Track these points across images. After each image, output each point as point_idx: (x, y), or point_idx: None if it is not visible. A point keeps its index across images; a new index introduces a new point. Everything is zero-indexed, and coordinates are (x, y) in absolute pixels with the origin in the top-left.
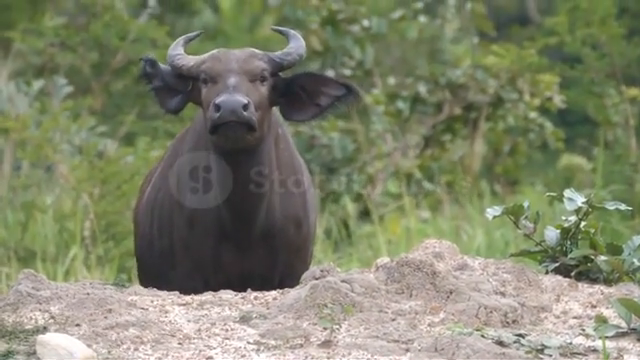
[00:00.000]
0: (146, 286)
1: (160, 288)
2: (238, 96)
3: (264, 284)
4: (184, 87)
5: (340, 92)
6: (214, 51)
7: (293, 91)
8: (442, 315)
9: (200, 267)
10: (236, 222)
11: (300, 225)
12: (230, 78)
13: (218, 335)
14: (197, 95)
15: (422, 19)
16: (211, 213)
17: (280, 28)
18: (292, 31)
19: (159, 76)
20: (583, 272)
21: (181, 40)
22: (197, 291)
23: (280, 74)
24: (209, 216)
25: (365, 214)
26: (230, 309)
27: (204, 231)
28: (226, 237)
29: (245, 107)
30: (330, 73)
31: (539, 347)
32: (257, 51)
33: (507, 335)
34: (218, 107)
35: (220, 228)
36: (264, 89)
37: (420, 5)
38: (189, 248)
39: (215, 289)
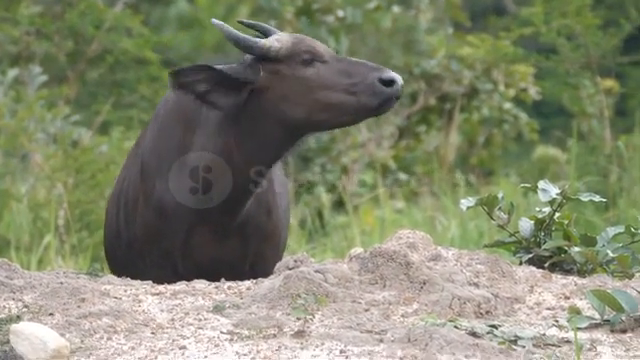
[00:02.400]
0: (116, 276)
1: (130, 278)
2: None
3: (233, 271)
4: (255, 74)
5: None
6: (284, 34)
7: None
8: (415, 306)
9: (169, 255)
10: (221, 214)
11: (270, 212)
12: (343, 57)
13: (191, 325)
14: (278, 79)
15: (396, 9)
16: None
17: (253, 23)
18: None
19: (202, 80)
20: (557, 263)
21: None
22: (166, 279)
23: None
24: (184, 206)
25: (339, 204)
26: (203, 299)
27: (177, 220)
28: (204, 222)
29: None
30: None
31: (512, 338)
32: None
33: (480, 326)
34: (391, 81)
35: (200, 214)
36: None
37: None
38: (158, 237)
39: (184, 276)
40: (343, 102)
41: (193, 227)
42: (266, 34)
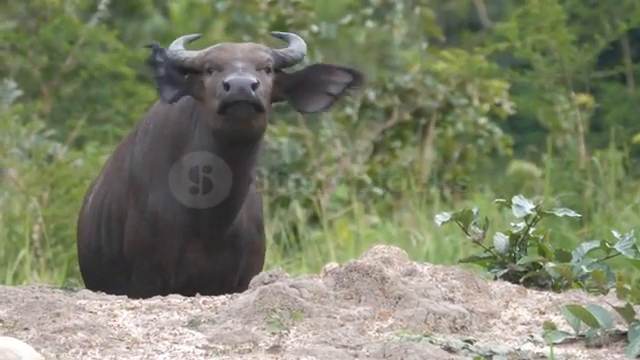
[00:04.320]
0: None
1: (109, 294)
2: (247, 75)
3: (224, 285)
4: (182, 80)
5: (348, 79)
6: (218, 44)
7: (299, 85)
8: (391, 321)
9: (161, 269)
10: (215, 221)
11: (260, 227)
12: (237, 63)
13: (166, 339)
14: (198, 88)
15: (370, 24)
16: (182, 214)
17: (281, 33)
18: (292, 34)
19: (164, 64)
20: (532, 278)
21: (181, 39)
22: (155, 293)
23: (284, 71)
24: (179, 217)
25: (314, 219)
26: (179, 313)
27: (171, 233)
28: (196, 235)
29: (254, 86)
30: None
31: (487, 353)
32: (261, 45)
33: (455, 341)
34: (227, 85)
35: (192, 228)
36: (269, 79)
37: (369, 11)
38: (151, 251)
39: (175, 289)
40: (212, 108)
41: (186, 242)
42: (289, 42)
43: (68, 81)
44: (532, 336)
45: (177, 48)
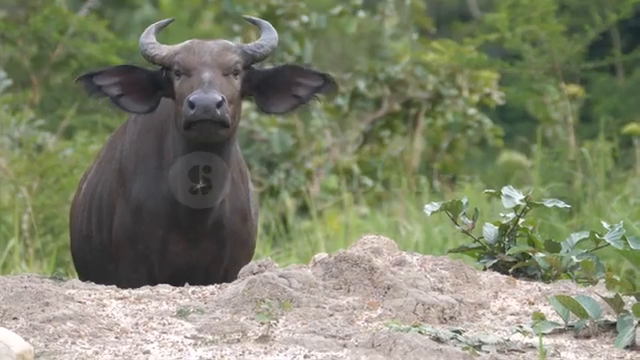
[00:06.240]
0: (84, 281)
1: (98, 282)
2: (213, 94)
3: (209, 276)
4: (164, 81)
5: (318, 83)
6: (187, 42)
7: (268, 83)
8: (380, 311)
9: (145, 258)
10: (193, 213)
11: (246, 218)
12: (204, 72)
13: (155, 329)
14: (169, 85)
15: (361, 14)
16: (163, 204)
17: (253, 18)
18: (265, 22)
19: (114, 84)
20: (521, 269)
21: (153, 27)
22: (141, 283)
23: (253, 66)
24: (161, 207)
25: (304, 209)
26: (167, 303)
27: (153, 222)
28: (178, 227)
29: (219, 104)
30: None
31: (476, 343)
32: (230, 43)
33: (444, 331)
34: (192, 104)
35: (172, 219)
36: (237, 82)
37: (359, 1)
38: (135, 240)
39: (160, 280)
40: (179, 116)
41: (168, 232)
42: (261, 31)
43: (58, 71)
44: (521, 326)
45: (147, 41)
